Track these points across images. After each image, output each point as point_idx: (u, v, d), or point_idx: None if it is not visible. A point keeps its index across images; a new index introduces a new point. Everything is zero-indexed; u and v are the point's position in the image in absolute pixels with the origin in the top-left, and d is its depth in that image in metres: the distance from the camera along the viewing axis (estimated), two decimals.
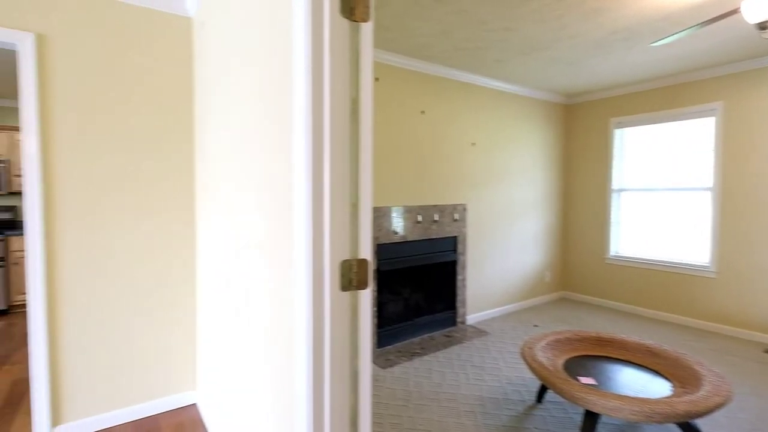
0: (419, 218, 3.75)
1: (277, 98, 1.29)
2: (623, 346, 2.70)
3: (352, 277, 1.14)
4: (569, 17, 2.74)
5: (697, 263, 4.15)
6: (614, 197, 4.79)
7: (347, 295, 1.14)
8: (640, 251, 4.63)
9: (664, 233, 4.43)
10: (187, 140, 2.53)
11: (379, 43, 3.22)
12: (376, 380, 2.97)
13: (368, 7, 1.15)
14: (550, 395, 2.75)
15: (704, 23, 2.31)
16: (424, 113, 3.76)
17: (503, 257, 4.56)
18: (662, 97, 4.33)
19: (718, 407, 1.93)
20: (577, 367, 2.51)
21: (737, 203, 3.86)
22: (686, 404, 1.91)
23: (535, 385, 2.90)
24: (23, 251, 4.54)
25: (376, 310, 3.50)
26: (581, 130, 5.08)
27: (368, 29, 1.16)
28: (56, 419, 2.22)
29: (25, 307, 4.66)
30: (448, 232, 3.99)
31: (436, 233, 3.89)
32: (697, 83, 4.07)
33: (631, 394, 2.18)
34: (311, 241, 1.08)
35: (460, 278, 4.11)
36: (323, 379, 1.11)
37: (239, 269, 1.72)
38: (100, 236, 2.29)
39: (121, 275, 2.36)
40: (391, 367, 3.19)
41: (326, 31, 1.08)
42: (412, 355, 3.43)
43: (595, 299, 4.99)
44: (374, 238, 3.41)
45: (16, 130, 4.76)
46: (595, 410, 1.97)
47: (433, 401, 2.68)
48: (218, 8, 1.93)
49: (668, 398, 1.99)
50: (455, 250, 4.07)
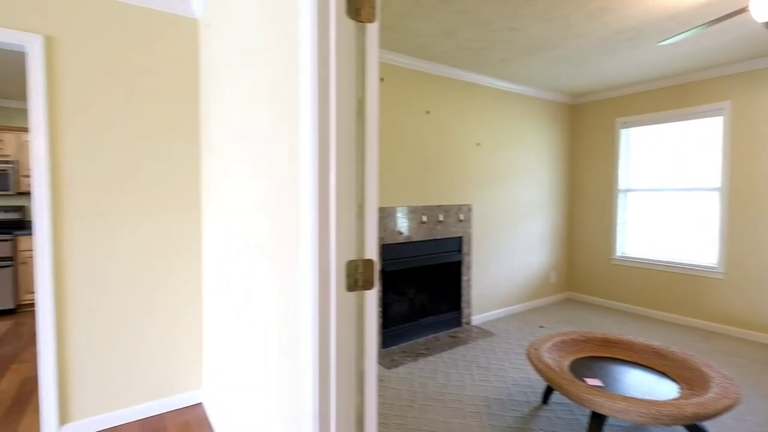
0: (424, 218, 3.75)
1: (283, 99, 1.29)
2: (630, 347, 2.68)
3: (357, 277, 1.14)
4: (575, 16, 2.72)
5: (704, 264, 4.11)
6: (620, 197, 4.76)
7: (353, 295, 1.14)
8: (646, 252, 4.59)
9: (671, 234, 4.39)
10: (192, 141, 2.54)
11: (383, 43, 3.22)
12: (380, 381, 2.97)
13: (374, 7, 1.15)
14: (555, 396, 2.74)
15: (712, 22, 2.29)
16: (428, 113, 3.76)
17: (508, 258, 4.55)
18: (669, 96, 4.30)
19: (726, 409, 1.91)
20: (583, 368, 2.50)
21: (745, 203, 3.82)
22: (694, 406, 1.89)
23: (540, 386, 2.88)
24: (31, 251, 4.58)
25: (380, 310, 3.50)
26: (587, 130, 5.05)
27: (374, 30, 1.16)
28: (64, 418, 2.24)
29: (32, 306, 4.71)
30: (452, 232, 3.98)
31: (440, 233, 3.89)
32: (704, 82, 4.04)
33: (638, 395, 2.17)
34: (317, 241, 1.09)
35: (465, 279, 4.10)
36: (329, 379, 1.12)
37: (244, 269, 1.72)
38: (106, 236, 2.31)
39: (127, 274, 2.38)
40: (395, 367, 3.19)
41: (332, 31, 1.08)
42: (416, 355, 3.42)
43: (601, 300, 4.96)
44: (379, 238, 3.41)
45: (23, 131, 4.80)
46: (602, 412, 1.96)
47: (438, 402, 2.67)
48: (224, 10, 1.94)
49: (676, 400, 1.98)
50: (460, 250, 4.06)
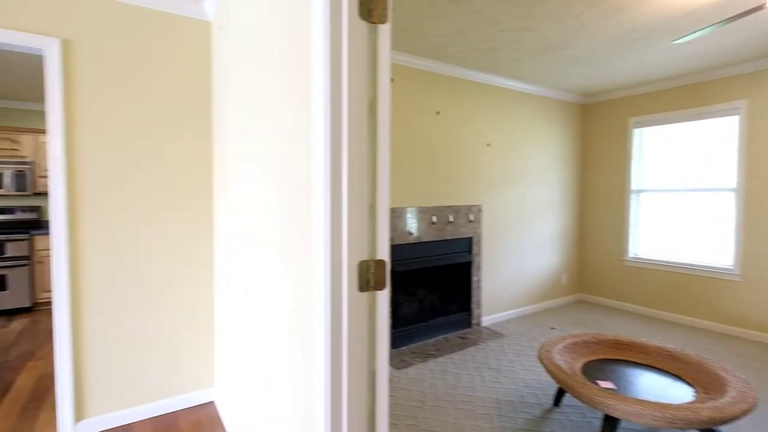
0: (434, 219, 3.74)
1: (294, 99, 1.30)
2: (643, 349, 2.64)
3: (369, 277, 1.14)
4: (587, 16, 2.70)
5: (719, 266, 4.04)
6: (633, 198, 4.69)
7: (365, 295, 1.15)
8: (660, 253, 4.52)
9: (685, 235, 4.32)
10: (205, 142, 2.57)
11: (394, 44, 3.22)
12: (391, 381, 2.97)
13: (386, 8, 1.15)
14: (567, 399, 2.71)
15: (727, 20, 2.25)
16: (439, 114, 3.75)
17: (519, 259, 4.52)
18: (683, 95, 4.23)
19: (743, 414, 1.87)
20: (595, 370, 2.47)
21: (762, 204, 3.75)
22: (710, 410, 1.86)
23: (552, 388, 2.86)
24: (47, 250, 4.67)
25: (390, 310, 3.50)
26: (599, 129, 4.99)
27: (386, 31, 1.16)
28: (79, 414, 2.28)
29: (48, 304, 4.80)
30: (462, 233, 3.97)
31: (450, 234, 3.88)
32: (719, 81, 3.97)
33: (651, 399, 2.14)
34: (329, 241, 1.09)
35: (475, 279, 4.08)
36: (341, 378, 1.12)
37: (256, 269, 1.74)
38: (120, 235, 2.35)
39: (139, 273, 2.41)
40: (405, 368, 3.19)
41: (344, 33, 1.09)
42: (426, 356, 3.42)
43: (613, 302, 4.90)
44: (389, 239, 3.41)
45: (40, 132, 4.90)
46: (615, 415, 1.94)
47: (448, 403, 2.66)
48: (237, 12, 1.96)
49: (691, 404, 1.94)
50: (470, 251, 4.05)
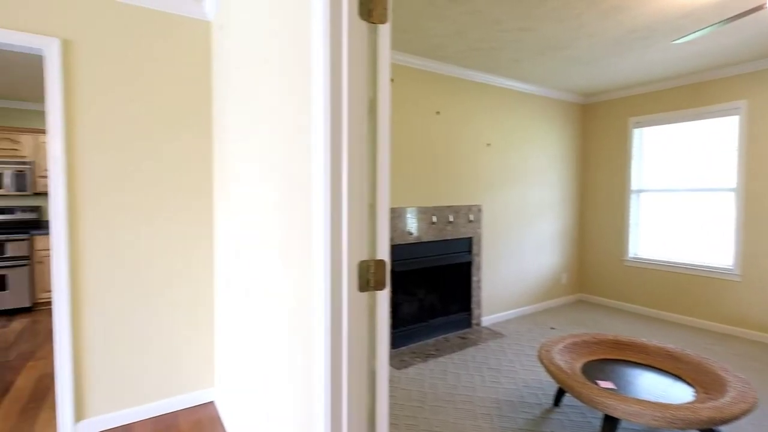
0: (434, 219, 3.74)
1: (294, 99, 1.30)
2: (643, 349, 2.64)
3: (369, 277, 1.14)
4: (587, 16, 2.70)
5: (719, 266, 4.04)
6: (633, 198, 4.69)
7: (365, 295, 1.15)
8: (660, 253, 4.53)
9: (685, 235, 4.32)
10: (205, 142, 2.57)
11: (394, 44, 3.22)
12: (390, 381, 2.96)
13: (386, 8, 1.15)
14: (567, 399, 2.71)
15: (728, 20, 2.25)
16: (439, 114, 3.75)
17: (519, 259, 4.52)
18: (683, 95, 4.23)
19: (743, 414, 1.87)
20: (595, 370, 2.47)
21: (762, 204, 3.75)
22: (710, 410, 1.86)
23: (552, 388, 2.86)
24: (47, 250, 4.67)
25: (390, 310, 3.50)
26: (599, 129, 4.99)
27: (386, 31, 1.16)
28: (79, 414, 2.28)
29: (48, 304, 4.80)
30: (462, 233, 3.97)
31: (450, 234, 3.88)
32: (719, 81, 3.97)
33: (651, 399, 2.14)
34: (330, 241, 1.09)
35: (475, 279, 4.08)
36: (341, 378, 1.12)
37: (257, 269, 1.74)
38: (119, 235, 2.35)
39: (139, 273, 2.41)
40: (405, 368, 3.19)
41: (344, 33, 1.09)
42: (426, 356, 3.42)
43: (613, 302, 4.90)
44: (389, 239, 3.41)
45: (40, 132, 4.90)
46: (615, 415, 1.94)
47: (448, 403, 2.66)
48: (237, 12, 1.96)
49: (691, 404, 1.94)
50: (470, 251, 4.05)
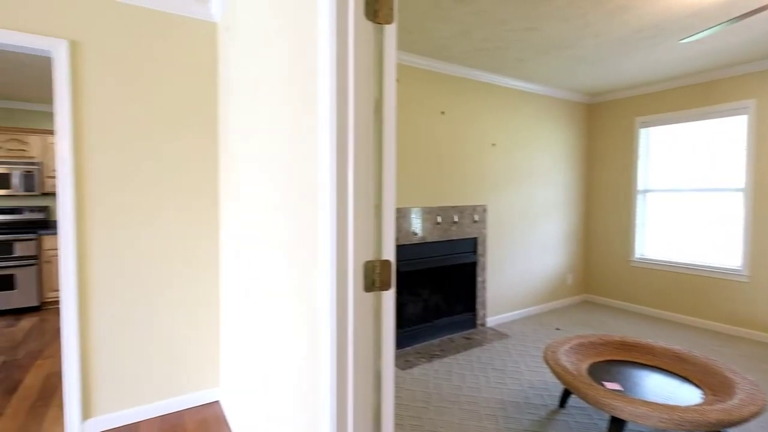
0: (439, 219, 3.74)
1: (300, 99, 1.31)
2: (650, 351, 2.62)
3: (375, 278, 1.14)
4: (593, 15, 2.68)
5: (727, 266, 4.00)
6: (639, 198, 4.66)
7: (371, 295, 1.15)
8: (666, 254, 4.49)
9: (692, 235, 4.29)
10: (210, 142, 2.58)
11: (398, 44, 3.22)
12: (395, 381, 2.96)
13: (392, 9, 1.15)
14: (573, 400, 2.70)
15: (736, 18, 2.23)
16: (444, 114, 3.74)
17: (524, 259, 4.50)
18: (691, 95, 4.20)
19: (752, 416, 1.86)
20: (601, 372, 2.45)
21: None
22: (718, 412, 1.84)
23: (557, 389, 2.84)
24: (55, 250, 4.71)
25: (395, 311, 3.49)
26: (605, 129, 4.97)
27: (392, 31, 1.16)
28: (86, 413, 2.30)
29: (56, 304, 4.84)
30: (467, 233, 3.96)
31: (455, 234, 3.87)
32: (728, 80, 3.94)
33: (658, 400, 2.12)
34: (335, 241, 1.09)
35: (479, 280, 4.07)
36: (347, 379, 1.12)
37: (263, 269, 1.74)
38: (125, 235, 2.36)
39: (147, 273, 2.43)
40: (410, 368, 3.18)
41: (351, 33, 1.09)
42: (431, 356, 3.41)
43: (618, 303, 4.87)
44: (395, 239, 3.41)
45: (48, 133, 4.94)
46: (622, 417, 1.92)
47: (453, 404, 2.66)
48: (243, 13, 1.97)
49: (699, 406, 1.93)
50: (475, 251, 4.04)
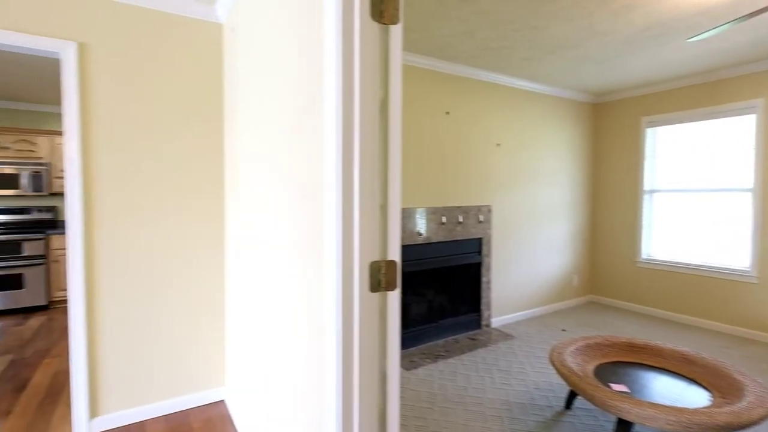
0: (443, 219, 3.73)
1: (306, 100, 1.31)
2: (657, 352, 2.60)
3: (380, 278, 1.14)
4: (599, 15, 2.67)
5: (736, 267, 3.96)
6: (646, 198, 4.63)
7: (376, 296, 1.15)
8: (674, 254, 4.45)
9: (699, 236, 4.25)
10: (217, 142, 2.59)
11: (404, 44, 3.22)
12: (400, 382, 2.96)
13: (397, 9, 1.15)
14: (579, 402, 2.68)
15: (745, 17, 2.20)
16: (448, 114, 3.73)
17: (529, 259, 4.48)
18: (698, 94, 4.16)
19: (762, 419, 1.83)
20: (608, 373, 2.44)
21: None
22: (727, 415, 1.82)
23: (563, 390, 2.83)
24: (62, 249, 4.75)
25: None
26: (611, 129, 4.93)
27: (397, 31, 1.16)
28: (93, 411, 2.31)
29: (64, 303, 4.88)
30: (472, 233, 3.95)
31: (460, 235, 3.86)
32: (736, 79, 3.90)
33: (666, 403, 2.10)
34: (341, 241, 1.09)
35: (484, 280, 4.06)
36: (352, 379, 1.12)
37: (268, 269, 1.75)
38: (132, 235, 2.38)
39: (153, 274, 2.44)
40: (415, 368, 3.18)
41: (356, 34, 1.09)
42: (436, 357, 3.41)
43: (625, 303, 4.83)
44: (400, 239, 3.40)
45: (56, 134, 4.99)
46: (628, 419, 1.91)
47: (458, 404, 2.65)
48: (248, 14, 1.97)
49: (707, 408, 1.91)
50: (480, 251, 4.02)
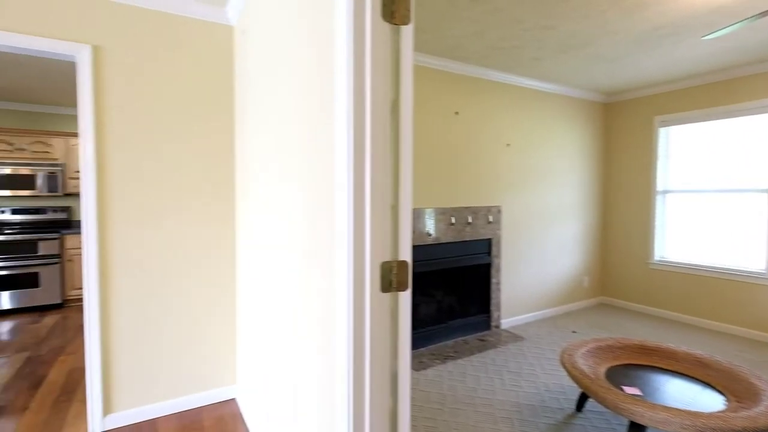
0: (453, 220, 3.72)
1: (317, 100, 1.32)
2: (670, 355, 2.56)
3: (392, 278, 1.14)
4: (612, 13, 2.64)
5: (750, 269, 3.89)
6: (659, 199, 4.56)
7: (387, 296, 1.15)
8: (687, 256, 4.38)
9: (714, 237, 4.18)
10: (229, 143, 2.62)
11: (414, 45, 3.21)
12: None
13: (408, 10, 1.15)
14: (590, 404, 2.65)
15: (761, 14, 2.17)
16: (458, 114, 3.72)
17: (539, 260, 4.45)
18: (713, 93, 4.09)
19: None
20: (620, 376, 2.41)
21: None
22: (743, 420, 1.79)
23: (574, 392, 2.80)
24: (77, 249, 4.84)
25: None
26: (623, 129, 4.88)
27: (408, 32, 1.16)
28: (107, 408, 2.35)
29: (78, 301, 4.97)
30: (482, 234, 3.93)
31: (469, 235, 3.84)
32: (751, 77, 3.83)
33: (680, 406, 2.07)
34: (353, 242, 1.10)
35: (494, 281, 4.04)
36: (364, 379, 1.12)
37: (278, 268, 1.76)
38: (146, 234, 2.41)
39: (165, 272, 2.47)
40: (424, 369, 3.18)
41: (367, 34, 1.09)
42: (445, 358, 3.40)
43: (636, 306, 4.77)
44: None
45: (70, 135, 5.08)
46: (641, 422, 1.89)
47: (468, 406, 2.64)
48: (259, 16, 1.99)
49: (722, 412, 1.88)
50: (489, 252, 4.01)
